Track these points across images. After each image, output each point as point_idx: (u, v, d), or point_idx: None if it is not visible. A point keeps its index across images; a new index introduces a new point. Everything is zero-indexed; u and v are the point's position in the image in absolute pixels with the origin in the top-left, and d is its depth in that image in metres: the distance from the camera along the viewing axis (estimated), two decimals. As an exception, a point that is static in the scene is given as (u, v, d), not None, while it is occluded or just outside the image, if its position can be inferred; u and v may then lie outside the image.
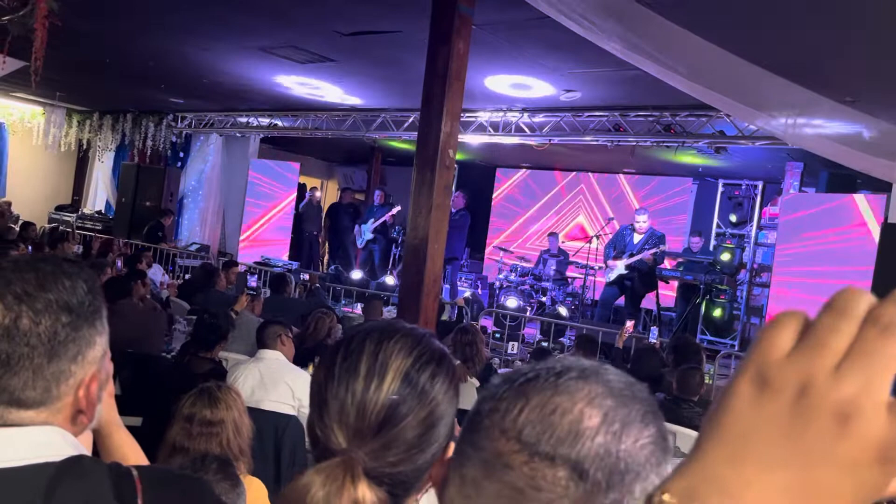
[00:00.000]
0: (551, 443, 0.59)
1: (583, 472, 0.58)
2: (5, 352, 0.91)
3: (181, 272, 10.54)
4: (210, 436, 2.36)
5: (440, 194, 4.55)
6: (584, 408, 0.60)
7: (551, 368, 0.64)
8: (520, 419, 0.60)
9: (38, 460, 0.91)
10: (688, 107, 7.30)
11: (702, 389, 4.52)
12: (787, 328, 0.40)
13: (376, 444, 0.82)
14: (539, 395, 0.61)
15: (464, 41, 4.57)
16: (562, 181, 12.82)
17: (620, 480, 0.59)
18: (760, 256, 10.01)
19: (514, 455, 0.59)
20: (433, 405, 0.85)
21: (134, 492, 0.95)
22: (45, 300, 0.94)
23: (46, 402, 0.94)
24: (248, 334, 5.26)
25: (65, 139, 13.67)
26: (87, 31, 7.30)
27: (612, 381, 0.63)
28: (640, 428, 0.61)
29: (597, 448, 0.59)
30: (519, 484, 0.58)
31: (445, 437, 0.87)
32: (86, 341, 0.97)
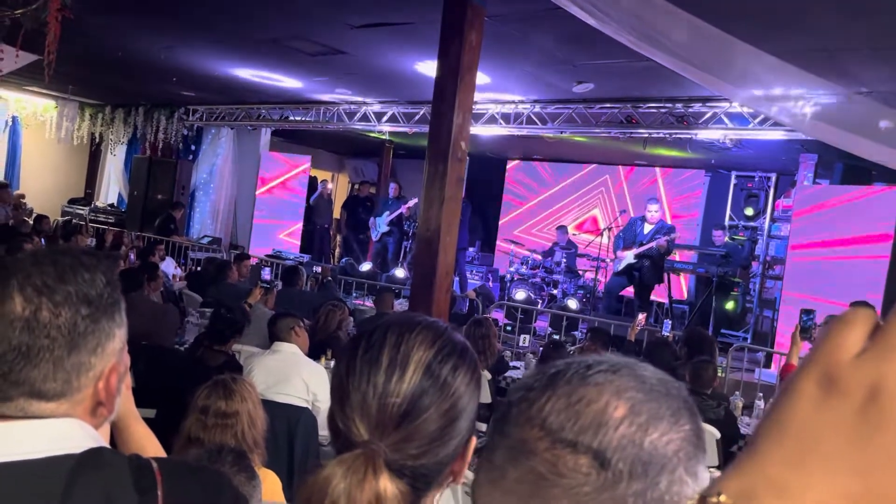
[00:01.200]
0: (574, 430, 0.59)
1: (605, 461, 0.58)
2: (26, 344, 0.91)
3: (193, 265, 10.59)
4: (225, 427, 2.37)
5: (452, 187, 4.55)
6: (610, 398, 0.60)
7: (583, 362, 0.64)
8: (546, 407, 0.61)
9: (58, 452, 0.91)
10: (701, 98, 7.25)
11: (715, 382, 4.51)
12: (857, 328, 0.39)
13: (398, 436, 0.82)
14: (567, 385, 0.62)
15: (476, 33, 4.56)
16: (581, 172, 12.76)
17: (644, 472, 0.58)
18: (773, 249, 9.95)
19: (537, 441, 0.60)
20: (455, 398, 0.85)
21: (154, 483, 0.95)
22: (64, 292, 0.94)
23: (67, 393, 0.95)
24: (261, 327, 5.28)
25: (77, 132, 13.75)
26: (99, 24, 7.32)
27: (645, 376, 0.63)
28: (669, 423, 0.61)
29: (619, 438, 0.59)
30: (541, 469, 0.59)
31: (467, 430, 0.87)
32: (105, 333, 0.98)
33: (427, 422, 0.83)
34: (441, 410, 0.83)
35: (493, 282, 11.40)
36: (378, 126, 10.15)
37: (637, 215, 9.43)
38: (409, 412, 0.82)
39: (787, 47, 4.98)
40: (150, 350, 4.32)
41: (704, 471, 0.62)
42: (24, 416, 0.93)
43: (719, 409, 4.32)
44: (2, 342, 0.91)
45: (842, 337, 0.39)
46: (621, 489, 0.58)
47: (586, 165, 12.61)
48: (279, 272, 9.75)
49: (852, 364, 0.38)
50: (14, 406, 0.92)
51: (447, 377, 0.85)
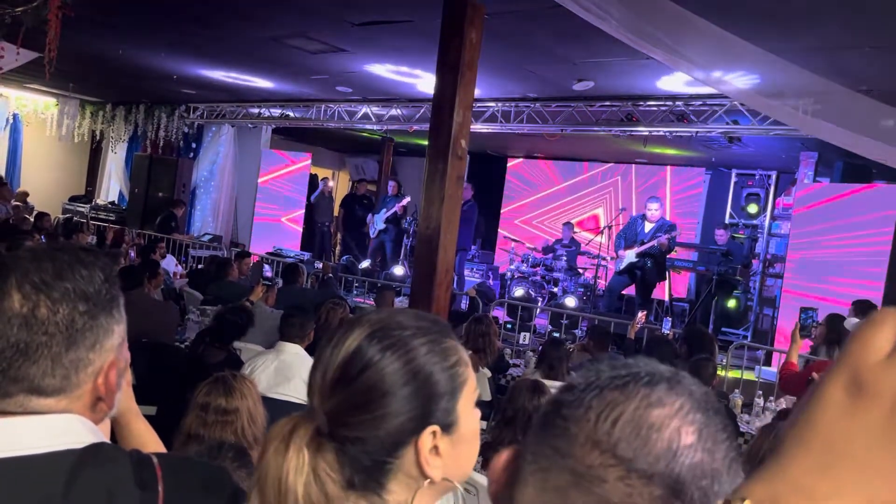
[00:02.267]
0: (649, 460, 0.57)
1: (677, 491, 0.57)
2: (24, 340, 0.92)
3: (194, 262, 10.60)
4: (225, 424, 2.38)
5: (452, 185, 4.55)
6: (679, 424, 0.59)
7: (637, 375, 0.62)
8: (615, 432, 0.58)
9: (59, 447, 0.92)
10: (701, 95, 7.25)
11: (714, 380, 4.51)
12: (885, 329, 0.38)
13: (335, 402, 0.86)
14: (633, 406, 0.59)
15: (476, 31, 4.56)
16: (581, 169, 12.75)
17: (711, 498, 0.58)
18: (774, 247, 9.95)
19: (609, 469, 0.58)
20: (394, 367, 0.86)
21: (155, 478, 0.96)
22: (62, 289, 0.95)
23: (66, 389, 0.95)
24: (261, 325, 5.29)
25: (78, 130, 13.75)
26: (99, 21, 7.32)
27: (694, 392, 0.62)
28: (725, 442, 0.60)
29: (692, 467, 0.58)
30: (613, 499, 0.57)
31: (422, 411, 0.86)
32: (103, 329, 0.98)
33: (362, 389, 0.85)
34: (376, 377, 0.85)
35: (493, 279, 11.40)
36: (379, 124, 10.16)
37: (637, 214, 9.44)
38: (341, 377, 0.86)
39: (787, 45, 4.98)
40: (151, 347, 4.34)
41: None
42: (24, 411, 0.93)
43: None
44: (0, 339, 0.92)
45: (869, 339, 0.38)
46: None
47: (587, 163, 12.61)
48: (279, 270, 9.77)
49: (881, 367, 0.37)
50: (14, 402, 0.93)
51: (386, 345, 0.87)
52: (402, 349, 0.86)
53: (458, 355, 0.92)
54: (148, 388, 3.74)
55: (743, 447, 4.45)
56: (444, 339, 0.91)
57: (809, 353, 5.69)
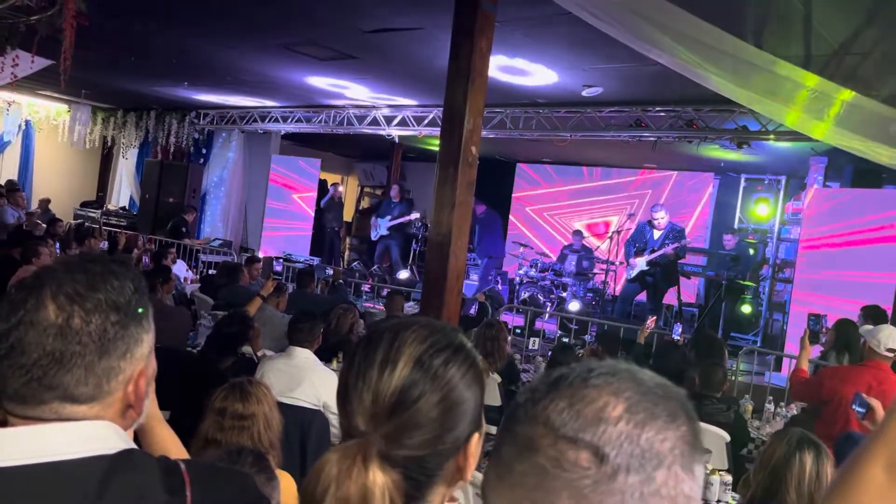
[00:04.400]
0: (575, 427, 0.63)
1: (603, 456, 0.62)
2: (59, 350, 0.95)
3: (204, 268, 10.66)
4: (241, 429, 2.41)
5: (463, 191, 4.57)
6: (608, 398, 0.64)
7: (585, 367, 0.68)
8: (549, 407, 0.65)
9: (92, 453, 0.95)
10: (710, 101, 7.25)
11: (725, 386, 4.50)
12: None
13: (391, 426, 0.86)
14: (570, 387, 0.66)
15: (486, 38, 4.58)
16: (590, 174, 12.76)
17: (640, 466, 0.62)
18: (784, 252, 9.93)
19: (541, 438, 0.64)
20: (447, 389, 0.89)
21: (183, 484, 0.98)
22: (95, 300, 0.98)
23: (98, 397, 0.98)
24: (271, 329, 5.33)
25: (90, 136, 13.86)
26: (112, 29, 7.39)
27: (643, 380, 0.67)
28: (665, 422, 0.64)
29: (617, 434, 0.62)
30: (545, 464, 0.63)
31: (468, 424, 0.91)
32: (133, 339, 1.01)
33: (419, 412, 0.87)
34: (432, 401, 0.88)
35: (502, 284, 11.42)
36: (388, 129, 10.19)
37: (644, 220, 9.43)
38: (400, 402, 0.87)
39: (792, 51, 4.99)
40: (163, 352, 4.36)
41: (701, 469, 0.66)
42: (58, 418, 0.96)
43: (729, 412, 4.31)
44: (36, 348, 0.95)
45: None
46: (619, 482, 0.61)
47: (596, 168, 12.62)
48: (290, 274, 9.81)
49: None
50: (48, 409, 0.96)
51: (438, 369, 0.89)
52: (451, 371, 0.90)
53: (480, 364, 0.96)
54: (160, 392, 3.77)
55: (753, 453, 4.45)
56: (471, 353, 0.94)
57: (819, 359, 5.68)
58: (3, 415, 0.98)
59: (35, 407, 0.96)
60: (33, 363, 0.94)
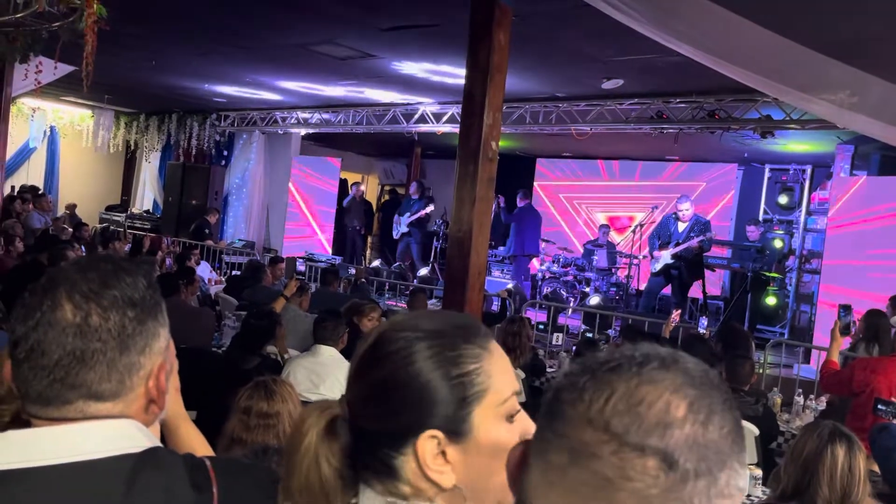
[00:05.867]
0: (640, 433, 0.59)
1: (672, 462, 0.58)
2: (80, 348, 0.95)
3: (228, 269, 10.74)
4: (267, 427, 2.41)
5: (483, 186, 4.55)
6: (669, 397, 0.61)
7: (631, 357, 0.64)
8: (606, 409, 0.61)
9: (118, 452, 0.95)
10: (732, 90, 7.15)
11: (752, 379, 4.45)
12: None
13: (352, 392, 0.88)
14: (624, 384, 0.62)
15: (504, 32, 4.56)
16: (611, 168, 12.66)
17: (708, 469, 0.59)
18: (810, 242, 9.78)
19: (602, 445, 0.60)
20: (401, 365, 0.85)
21: (209, 480, 0.99)
22: (110, 297, 0.98)
23: (121, 393, 0.98)
24: (296, 329, 5.35)
25: (113, 141, 14.03)
26: (132, 33, 7.46)
27: (690, 369, 0.63)
28: (721, 416, 0.62)
29: (685, 438, 0.59)
30: (608, 473, 0.59)
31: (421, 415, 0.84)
32: (151, 333, 1.01)
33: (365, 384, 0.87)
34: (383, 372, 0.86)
35: (524, 280, 11.38)
36: (407, 126, 10.20)
37: (669, 213, 9.33)
38: (358, 371, 0.89)
39: (821, 38, 4.89)
40: (188, 353, 4.40)
41: (745, 458, 0.64)
42: (84, 417, 0.96)
43: (757, 405, 4.26)
44: (57, 348, 0.95)
45: None
46: (688, 489, 0.58)
47: (616, 162, 12.51)
48: (314, 274, 9.86)
49: None
50: (73, 408, 0.96)
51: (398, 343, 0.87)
52: (405, 351, 0.85)
53: (477, 364, 0.86)
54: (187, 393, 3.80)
55: (783, 446, 4.38)
56: (461, 345, 0.86)
57: (849, 350, 5.58)
58: (25, 417, 0.98)
59: (60, 407, 0.96)
60: (55, 364, 0.94)
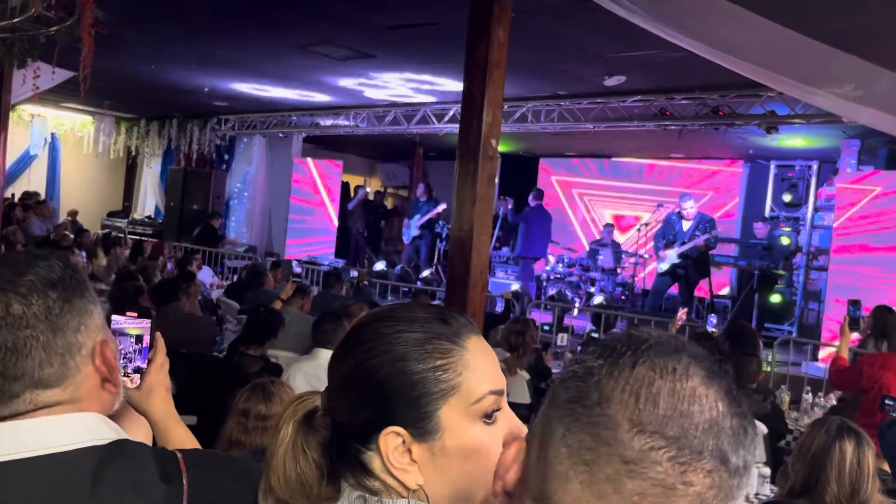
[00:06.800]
0: (697, 435, 0.58)
1: (726, 460, 0.58)
2: (10, 340, 0.93)
3: (230, 273, 10.70)
4: (265, 430, 2.37)
5: (484, 185, 4.49)
6: (709, 392, 0.60)
7: (650, 346, 0.61)
8: (658, 412, 0.58)
9: (83, 444, 0.93)
10: (736, 86, 7.08)
11: (760, 377, 4.40)
12: None
13: (328, 382, 0.87)
14: (668, 383, 0.59)
15: (503, 29, 4.50)
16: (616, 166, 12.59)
17: (747, 462, 0.60)
18: (817, 239, 9.70)
19: (660, 451, 0.57)
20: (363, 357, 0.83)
21: (179, 472, 0.97)
22: (27, 283, 0.96)
23: (67, 375, 0.96)
24: (295, 332, 5.30)
25: (114, 147, 14.04)
26: (131, 37, 7.43)
27: (702, 354, 0.62)
28: (746, 402, 0.62)
29: (732, 433, 0.59)
30: (669, 481, 0.57)
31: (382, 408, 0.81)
32: (81, 310, 0.99)
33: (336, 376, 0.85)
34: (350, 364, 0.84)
35: (529, 281, 11.33)
36: (409, 128, 10.15)
37: (673, 212, 9.26)
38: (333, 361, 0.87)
39: (826, 29, 4.83)
40: (190, 358, 4.36)
41: None
42: (36, 407, 0.94)
43: (765, 403, 4.22)
44: None
45: None
46: (736, 483, 0.58)
47: (621, 159, 12.45)
48: (316, 278, 9.81)
49: None
50: (22, 401, 0.94)
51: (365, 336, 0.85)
52: (371, 343, 0.83)
53: (445, 360, 0.81)
54: (188, 397, 3.76)
55: (792, 444, 4.32)
56: (432, 339, 0.82)
57: (857, 347, 5.52)
58: None
59: (9, 402, 0.94)
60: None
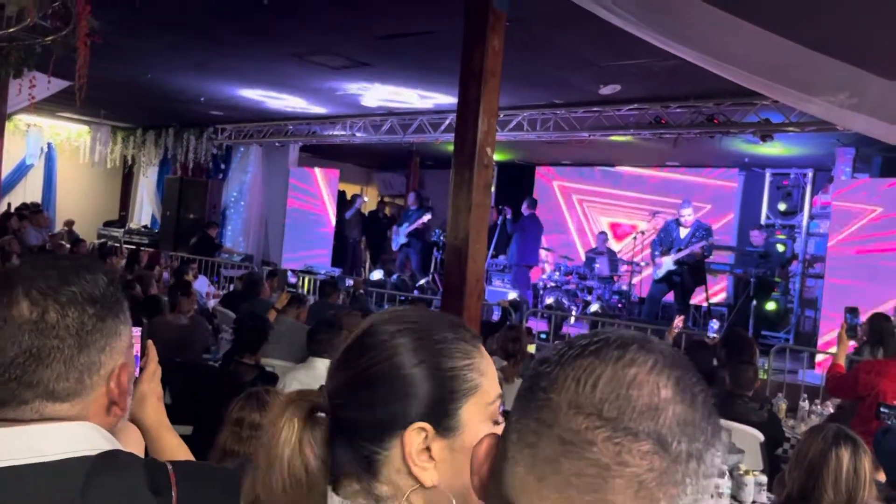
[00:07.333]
0: (634, 417, 0.58)
1: (666, 444, 0.58)
2: (36, 346, 0.93)
3: (226, 283, 10.68)
4: (259, 439, 2.35)
5: (479, 193, 4.50)
6: (657, 378, 0.60)
7: (608, 340, 0.63)
8: (596, 394, 0.59)
9: (74, 454, 0.92)
10: (730, 94, 7.11)
11: (756, 384, 4.39)
12: None
13: (335, 381, 0.86)
14: (610, 368, 0.60)
15: (498, 37, 4.52)
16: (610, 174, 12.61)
17: (697, 450, 0.59)
18: (813, 247, 9.72)
19: (596, 431, 0.58)
20: (385, 356, 0.84)
21: (168, 483, 0.96)
22: (69, 293, 0.95)
23: (80, 393, 0.96)
24: (291, 341, 5.29)
25: (110, 156, 14.03)
26: (127, 46, 7.44)
27: (664, 350, 0.63)
28: (703, 395, 0.61)
29: (676, 418, 0.59)
30: (603, 460, 0.58)
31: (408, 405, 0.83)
32: (112, 331, 0.99)
33: (355, 373, 0.85)
34: (367, 363, 0.85)
35: (525, 288, 11.32)
36: (405, 137, 10.16)
37: (671, 219, 9.28)
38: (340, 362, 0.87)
39: (817, 36, 4.85)
40: (184, 367, 4.34)
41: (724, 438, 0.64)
42: (41, 418, 0.94)
43: (762, 411, 4.20)
44: (13, 346, 0.92)
45: None
46: (681, 470, 0.58)
47: (616, 168, 12.47)
48: (312, 287, 9.80)
49: None
50: (30, 409, 0.93)
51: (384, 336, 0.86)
52: (392, 341, 0.85)
53: (469, 360, 0.87)
54: (184, 407, 3.75)
55: (789, 452, 4.31)
56: (452, 340, 0.87)
57: (854, 354, 5.52)
58: None
59: (16, 408, 0.93)
60: (10, 362, 0.92)
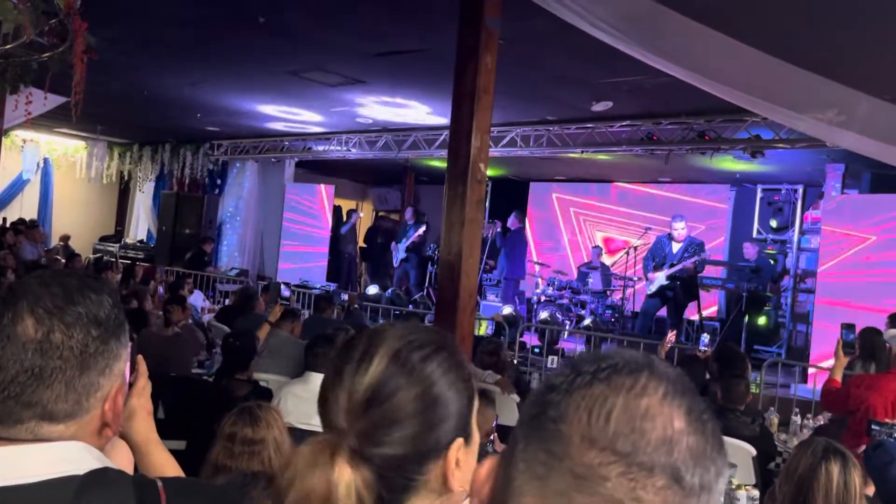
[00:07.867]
0: (648, 451, 0.57)
1: (679, 478, 0.57)
2: (38, 365, 0.92)
3: (221, 297, 10.68)
4: (252, 454, 2.36)
5: (473, 209, 4.54)
6: (668, 409, 0.59)
7: (616, 366, 0.61)
8: (610, 427, 0.58)
9: (62, 474, 0.91)
10: (721, 111, 7.18)
11: (748, 398, 4.41)
12: None
13: (366, 422, 0.84)
14: (622, 398, 0.59)
15: (491, 55, 4.57)
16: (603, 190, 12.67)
17: (709, 481, 0.58)
18: (804, 262, 9.78)
19: (610, 466, 0.57)
20: (426, 384, 0.86)
21: (158, 500, 0.95)
22: (75, 313, 0.95)
23: (76, 414, 0.95)
24: (285, 355, 5.29)
25: (107, 171, 14.06)
26: (123, 63, 7.49)
27: (670, 375, 0.62)
28: (710, 421, 0.60)
29: (689, 450, 0.58)
30: (618, 496, 0.56)
31: (450, 426, 0.87)
32: (113, 354, 0.99)
33: (395, 407, 0.84)
34: (409, 396, 0.85)
35: (519, 304, 11.34)
36: (399, 153, 10.22)
37: (663, 234, 9.32)
38: (374, 397, 0.85)
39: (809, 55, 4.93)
40: (178, 382, 4.35)
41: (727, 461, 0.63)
42: (35, 438, 0.93)
43: (754, 425, 4.22)
44: (14, 364, 0.92)
45: None
46: (693, 503, 0.57)
47: (609, 184, 12.53)
48: (307, 301, 9.80)
49: None
50: (24, 429, 0.93)
51: (416, 364, 0.87)
52: (431, 367, 0.88)
53: (468, 368, 0.94)
54: (177, 422, 3.75)
55: (781, 466, 4.32)
56: (456, 354, 0.93)
57: (846, 369, 5.53)
58: None
59: (11, 427, 0.92)
60: (11, 380, 0.91)
